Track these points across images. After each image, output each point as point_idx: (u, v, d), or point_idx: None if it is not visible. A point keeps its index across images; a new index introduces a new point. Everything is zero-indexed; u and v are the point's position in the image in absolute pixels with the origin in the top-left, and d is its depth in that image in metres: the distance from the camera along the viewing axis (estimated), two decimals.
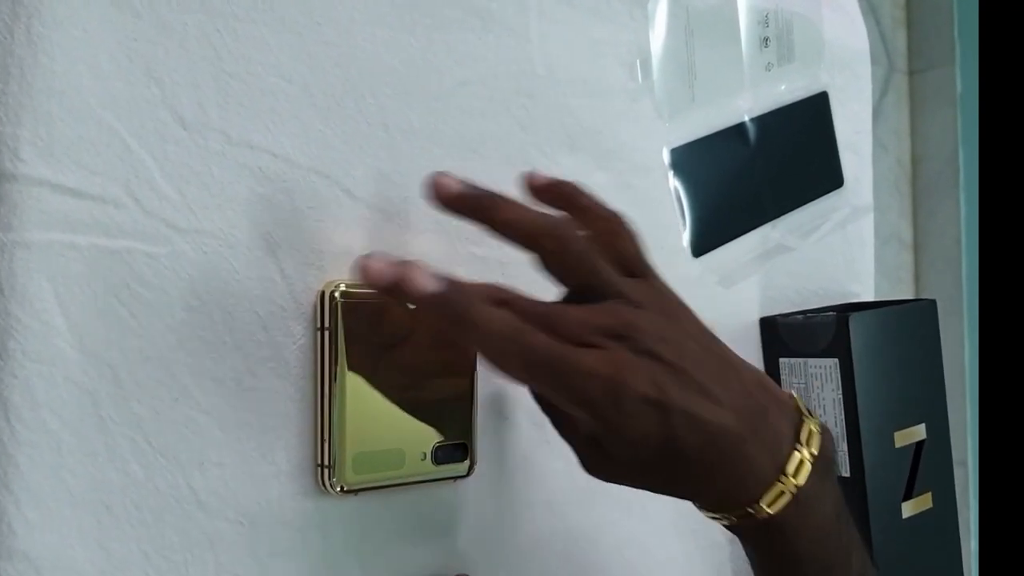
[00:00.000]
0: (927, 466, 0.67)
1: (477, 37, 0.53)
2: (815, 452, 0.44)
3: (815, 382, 0.65)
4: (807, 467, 0.44)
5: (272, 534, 0.45)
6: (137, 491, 0.41)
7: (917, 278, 2.10)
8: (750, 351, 0.68)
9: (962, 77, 2.01)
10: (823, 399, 0.65)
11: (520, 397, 0.51)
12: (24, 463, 0.39)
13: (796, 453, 0.44)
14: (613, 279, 0.43)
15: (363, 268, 0.40)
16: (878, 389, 0.64)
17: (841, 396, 0.64)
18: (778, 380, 0.68)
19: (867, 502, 0.63)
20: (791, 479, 0.43)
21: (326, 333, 0.45)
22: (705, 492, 0.45)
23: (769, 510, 0.43)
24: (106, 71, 0.41)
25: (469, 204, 0.43)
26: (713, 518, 0.46)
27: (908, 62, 2.12)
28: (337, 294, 0.45)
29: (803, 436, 0.44)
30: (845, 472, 0.64)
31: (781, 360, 0.67)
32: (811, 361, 0.65)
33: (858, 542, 0.48)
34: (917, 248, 2.10)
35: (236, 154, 0.44)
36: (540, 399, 0.47)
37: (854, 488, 0.64)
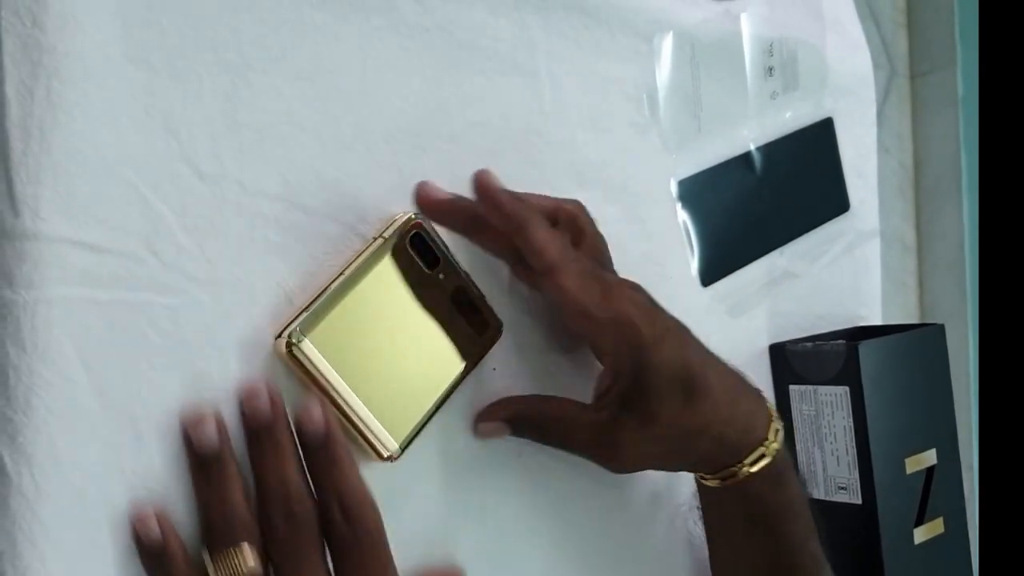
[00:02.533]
0: (938, 491, 0.68)
1: (487, 79, 0.53)
2: (781, 427, 0.51)
3: (826, 409, 0.66)
4: (781, 436, 0.51)
5: None
6: None
7: (920, 282, 2.10)
8: (760, 378, 0.68)
9: (964, 80, 2.01)
10: (834, 426, 0.65)
11: None
12: (48, 519, 0.39)
13: (772, 424, 0.51)
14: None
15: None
16: (888, 416, 0.65)
17: (852, 423, 0.64)
18: (788, 407, 0.68)
19: (879, 529, 0.64)
20: (772, 443, 0.50)
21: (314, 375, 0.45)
22: (726, 435, 0.49)
23: (776, 444, 0.50)
24: (124, 127, 0.42)
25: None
26: (724, 479, 0.51)
27: (909, 65, 2.11)
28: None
29: (773, 412, 0.52)
30: (857, 500, 0.64)
31: (791, 387, 0.68)
32: (822, 389, 0.66)
33: (815, 533, 0.54)
34: (920, 251, 2.10)
35: (252, 203, 0.45)
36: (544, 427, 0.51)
37: (866, 515, 0.64)
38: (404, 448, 0.47)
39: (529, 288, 0.53)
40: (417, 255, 0.49)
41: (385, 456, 0.46)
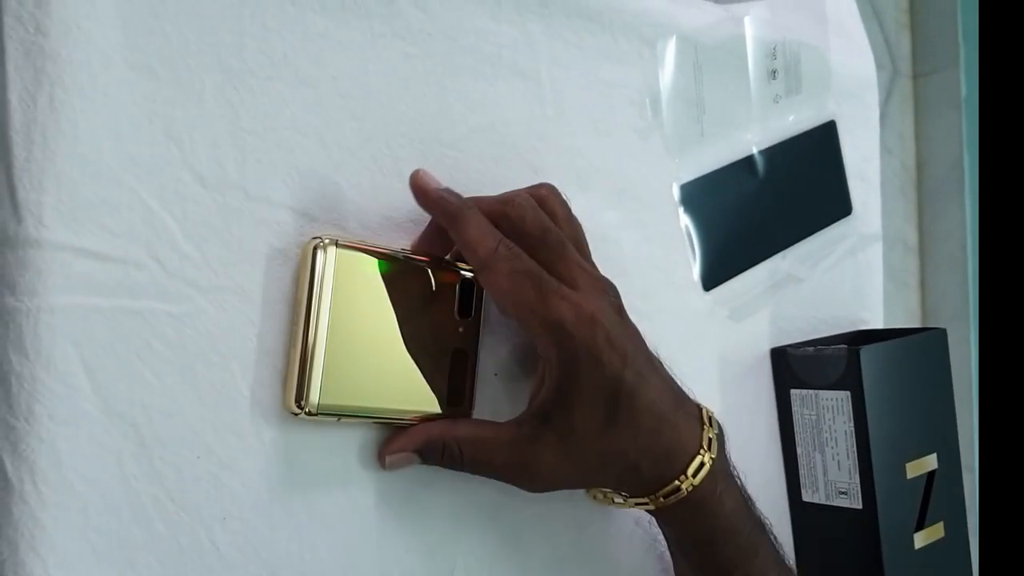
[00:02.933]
0: (939, 496, 0.68)
1: (488, 84, 0.53)
2: (716, 432, 0.50)
3: (827, 414, 0.66)
4: (715, 444, 0.49)
5: None
6: (160, 548, 0.42)
7: (923, 282, 2.10)
8: (761, 382, 0.68)
9: (966, 80, 2.01)
10: (835, 431, 0.65)
11: None
12: (51, 525, 0.39)
13: (698, 457, 0.49)
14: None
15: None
16: (889, 421, 0.65)
17: (853, 428, 0.64)
18: (789, 411, 0.68)
19: (879, 533, 0.64)
20: (708, 452, 0.49)
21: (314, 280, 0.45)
22: (643, 465, 0.48)
23: (694, 480, 0.48)
24: (126, 134, 0.42)
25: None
26: (636, 504, 0.50)
27: (912, 65, 2.11)
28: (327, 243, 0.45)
29: (704, 417, 0.50)
30: (857, 504, 0.64)
31: (792, 391, 0.68)
32: (822, 393, 0.66)
33: (768, 543, 0.53)
34: (922, 252, 2.10)
35: (254, 210, 0.45)
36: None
37: (866, 520, 0.64)
38: (316, 414, 0.45)
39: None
40: (458, 296, 0.49)
41: (296, 407, 0.44)
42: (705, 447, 0.49)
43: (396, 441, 0.48)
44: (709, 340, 0.65)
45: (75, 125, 0.40)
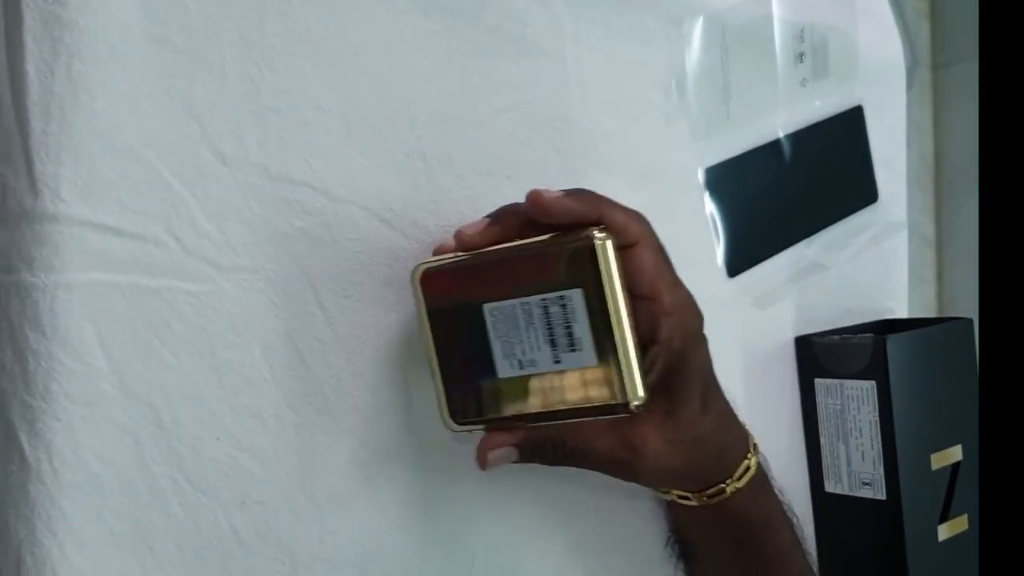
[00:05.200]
0: (963, 488, 0.67)
1: (513, 63, 0.52)
2: (755, 440, 0.52)
3: (851, 403, 0.65)
4: (758, 447, 0.52)
5: (312, 572, 0.45)
6: (179, 531, 0.41)
7: (940, 275, 2.08)
8: (785, 371, 0.67)
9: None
10: (859, 421, 0.64)
11: None
12: (67, 506, 0.39)
13: (750, 438, 0.52)
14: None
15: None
16: (915, 411, 0.64)
17: (878, 418, 0.63)
18: (813, 401, 0.67)
19: (903, 525, 0.63)
20: (754, 456, 0.51)
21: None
22: (722, 450, 0.49)
23: (758, 458, 0.51)
24: (145, 108, 0.41)
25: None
26: (712, 496, 0.50)
27: (931, 56, 2.09)
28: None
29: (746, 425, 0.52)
30: (881, 495, 0.63)
31: (817, 381, 0.67)
32: (847, 382, 0.65)
33: (803, 549, 0.54)
34: (940, 245, 2.08)
35: (276, 189, 0.44)
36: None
37: (890, 511, 0.63)
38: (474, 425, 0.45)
39: None
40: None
41: (630, 409, 0.42)
42: (747, 428, 0.52)
43: (496, 437, 0.46)
44: (733, 327, 0.64)
45: (93, 98, 0.39)
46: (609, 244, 0.42)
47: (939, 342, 0.67)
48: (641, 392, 0.42)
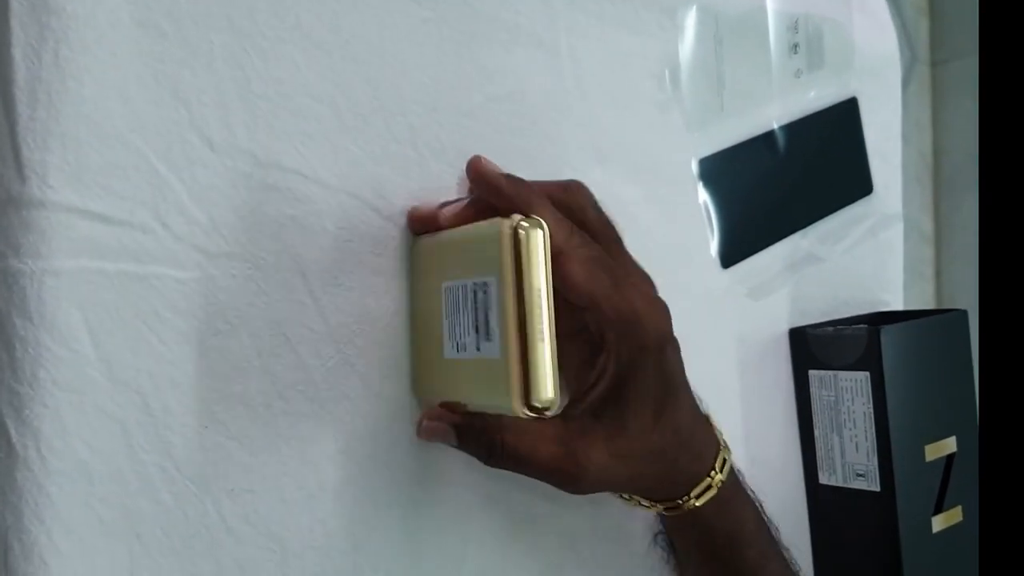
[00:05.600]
0: (957, 480, 0.66)
1: (506, 52, 0.52)
2: (729, 455, 0.50)
3: (845, 395, 0.64)
4: (728, 466, 0.49)
5: (303, 560, 0.44)
6: (167, 519, 0.41)
7: (938, 272, 2.08)
8: (779, 363, 0.67)
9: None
10: (853, 412, 0.64)
11: None
12: (55, 493, 0.38)
13: (721, 453, 0.49)
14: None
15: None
16: (909, 402, 0.64)
17: (872, 409, 0.63)
18: (807, 392, 0.67)
19: (897, 517, 0.63)
20: (718, 474, 0.48)
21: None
22: (680, 464, 0.48)
23: (722, 476, 0.49)
24: (133, 94, 0.41)
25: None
26: (667, 508, 0.50)
27: (930, 53, 2.09)
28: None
29: (721, 441, 0.50)
30: (875, 487, 0.63)
31: (811, 372, 0.66)
32: (841, 374, 0.64)
33: (780, 554, 0.53)
34: (938, 241, 2.08)
35: (265, 176, 0.44)
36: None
37: (884, 503, 0.63)
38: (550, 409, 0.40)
39: None
40: None
41: (527, 409, 0.39)
42: (723, 443, 0.49)
43: (440, 413, 0.46)
44: (727, 319, 0.64)
45: (80, 84, 0.39)
46: (530, 235, 0.39)
47: (933, 334, 0.67)
48: (521, 400, 0.39)
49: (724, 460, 0.49)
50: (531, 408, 0.39)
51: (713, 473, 0.48)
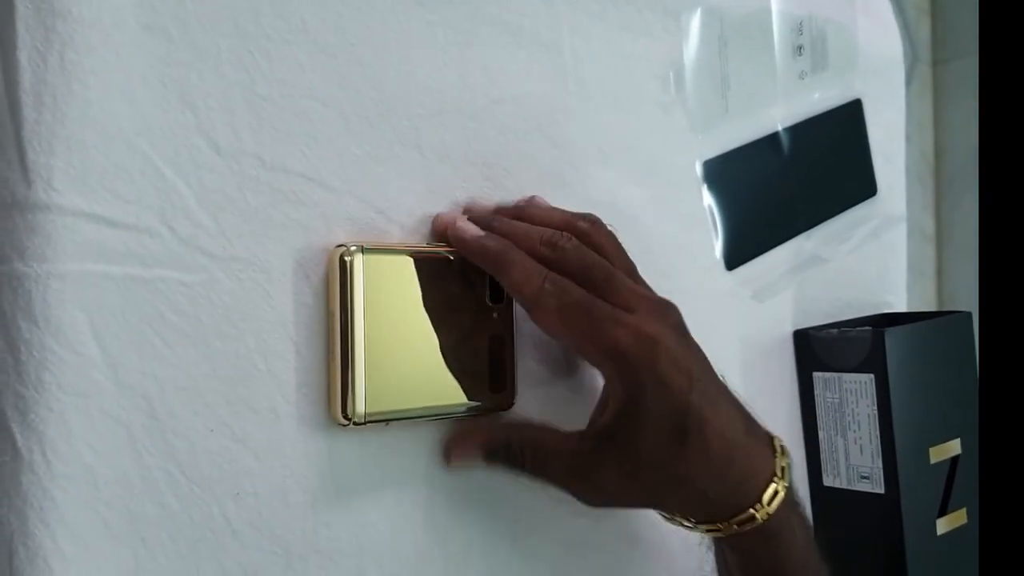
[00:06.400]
0: (962, 482, 0.66)
1: (509, 54, 0.52)
2: (789, 461, 0.48)
3: (850, 397, 0.64)
4: (779, 499, 0.46)
5: (307, 564, 0.44)
6: (172, 523, 0.41)
7: (939, 271, 2.08)
8: (784, 365, 0.67)
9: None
10: (858, 414, 0.64)
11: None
12: (60, 497, 0.38)
13: (772, 485, 0.46)
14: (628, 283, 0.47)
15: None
16: (914, 404, 0.64)
17: (876, 412, 0.63)
18: (812, 394, 0.67)
19: (902, 519, 0.63)
20: (782, 480, 0.47)
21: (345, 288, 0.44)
22: (712, 492, 0.46)
23: (769, 508, 0.46)
24: (139, 97, 0.41)
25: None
26: (708, 530, 0.48)
27: (932, 52, 2.09)
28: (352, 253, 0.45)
29: (776, 446, 0.48)
30: (880, 489, 0.63)
31: (815, 374, 0.66)
32: (846, 376, 0.64)
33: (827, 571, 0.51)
34: (940, 241, 2.08)
35: (271, 179, 0.44)
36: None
37: (888, 505, 0.63)
38: (364, 423, 0.44)
39: None
40: (489, 283, 0.48)
41: (343, 418, 0.44)
42: (779, 475, 0.47)
43: (460, 442, 0.48)
44: (731, 321, 0.64)
45: (86, 87, 0.39)
46: (354, 261, 0.44)
47: (938, 336, 0.67)
48: (340, 412, 0.44)
49: (775, 492, 0.46)
50: (346, 418, 0.44)
51: (758, 506, 0.46)
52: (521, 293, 0.45)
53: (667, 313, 0.46)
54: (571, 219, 0.49)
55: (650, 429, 0.44)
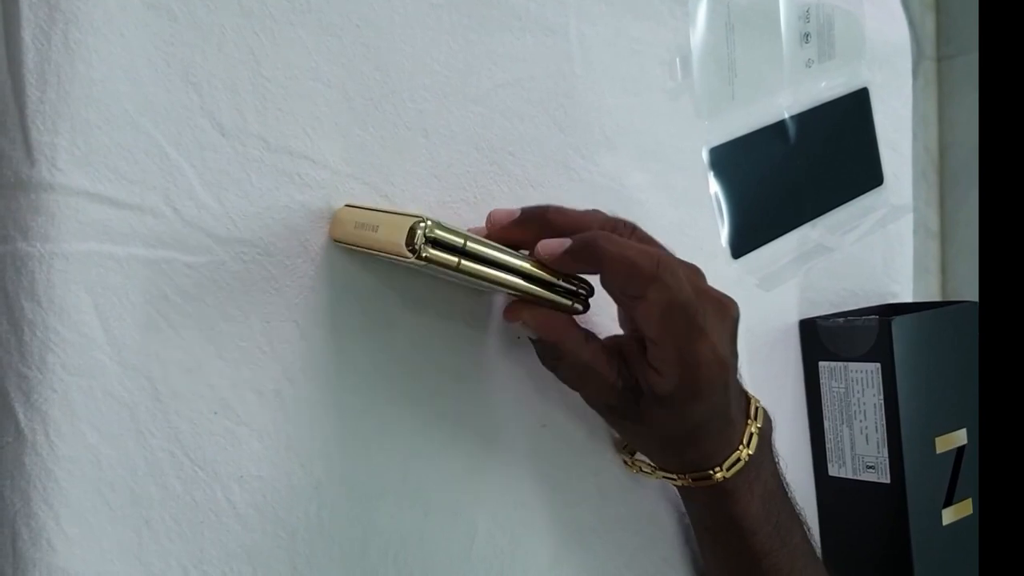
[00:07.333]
0: (967, 472, 0.66)
1: (515, 38, 0.52)
2: (760, 426, 0.49)
3: (856, 386, 0.64)
4: (755, 439, 0.48)
5: (311, 547, 0.44)
6: (176, 505, 0.41)
7: (944, 267, 2.07)
8: (789, 354, 0.67)
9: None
10: (864, 404, 0.64)
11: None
12: (63, 478, 0.38)
13: (748, 425, 0.49)
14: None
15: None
16: (919, 394, 0.63)
17: (882, 401, 0.63)
18: (817, 384, 0.66)
19: (907, 509, 0.62)
20: (746, 448, 0.48)
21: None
22: (688, 452, 0.48)
23: (726, 473, 0.48)
24: (144, 77, 0.40)
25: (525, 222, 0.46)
26: (666, 477, 0.50)
27: (936, 48, 2.08)
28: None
29: (751, 411, 0.49)
30: (885, 479, 0.63)
31: (821, 363, 0.66)
32: (852, 365, 0.64)
33: (799, 534, 0.52)
34: (944, 237, 2.07)
35: (275, 161, 0.44)
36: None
37: (894, 495, 0.63)
38: (436, 244, 0.39)
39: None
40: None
41: (408, 246, 0.39)
42: (745, 443, 0.48)
43: (527, 311, 0.46)
44: None
45: (90, 66, 0.39)
46: (429, 230, 0.39)
47: (944, 325, 0.67)
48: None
49: (737, 459, 0.48)
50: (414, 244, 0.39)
51: (716, 469, 0.48)
52: (641, 275, 0.43)
53: (733, 317, 0.47)
54: (613, 219, 0.47)
55: (674, 416, 0.46)
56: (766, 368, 0.65)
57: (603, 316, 0.50)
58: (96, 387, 0.39)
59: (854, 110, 0.72)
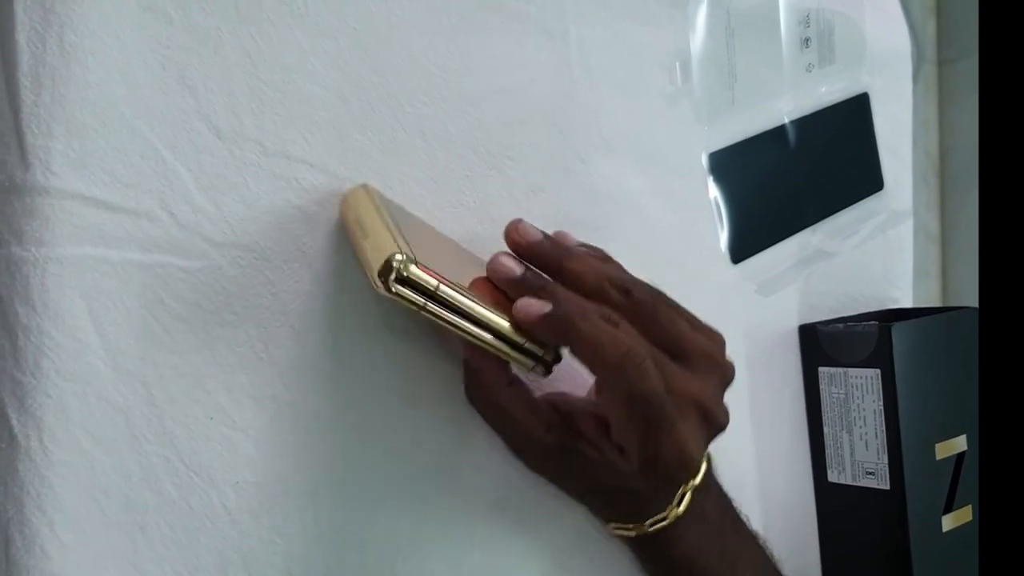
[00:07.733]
0: (967, 478, 0.66)
1: (514, 41, 0.52)
2: (698, 482, 0.48)
3: (855, 392, 0.64)
4: (688, 496, 0.48)
5: (307, 554, 0.44)
6: (171, 511, 0.41)
7: (944, 271, 2.07)
8: (789, 360, 0.66)
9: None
10: (863, 410, 0.63)
11: None
12: (58, 484, 0.38)
13: (685, 484, 0.48)
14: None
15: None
16: (920, 400, 0.63)
17: (882, 407, 0.62)
18: (817, 389, 0.66)
19: (907, 515, 0.62)
20: (674, 508, 0.48)
21: None
22: (647, 506, 0.48)
23: (678, 510, 0.48)
24: (139, 80, 0.40)
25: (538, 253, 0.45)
26: (616, 529, 0.51)
27: (937, 52, 2.08)
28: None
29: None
30: (885, 485, 0.63)
31: (820, 369, 0.66)
32: (852, 371, 0.64)
33: (751, 548, 0.53)
34: (944, 241, 2.07)
35: (272, 164, 0.43)
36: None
37: (893, 501, 0.62)
38: (407, 281, 0.38)
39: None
40: None
41: (381, 279, 0.38)
42: (675, 502, 0.48)
43: (486, 360, 0.45)
44: (736, 314, 0.63)
45: (86, 69, 0.39)
46: (404, 267, 0.38)
47: (945, 331, 0.66)
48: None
49: (683, 494, 0.48)
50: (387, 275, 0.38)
51: (669, 508, 0.48)
52: (603, 364, 0.42)
53: (723, 376, 0.48)
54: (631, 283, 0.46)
55: (620, 484, 0.46)
56: (765, 373, 0.64)
57: None
58: (91, 392, 0.39)
59: (854, 115, 0.71)
